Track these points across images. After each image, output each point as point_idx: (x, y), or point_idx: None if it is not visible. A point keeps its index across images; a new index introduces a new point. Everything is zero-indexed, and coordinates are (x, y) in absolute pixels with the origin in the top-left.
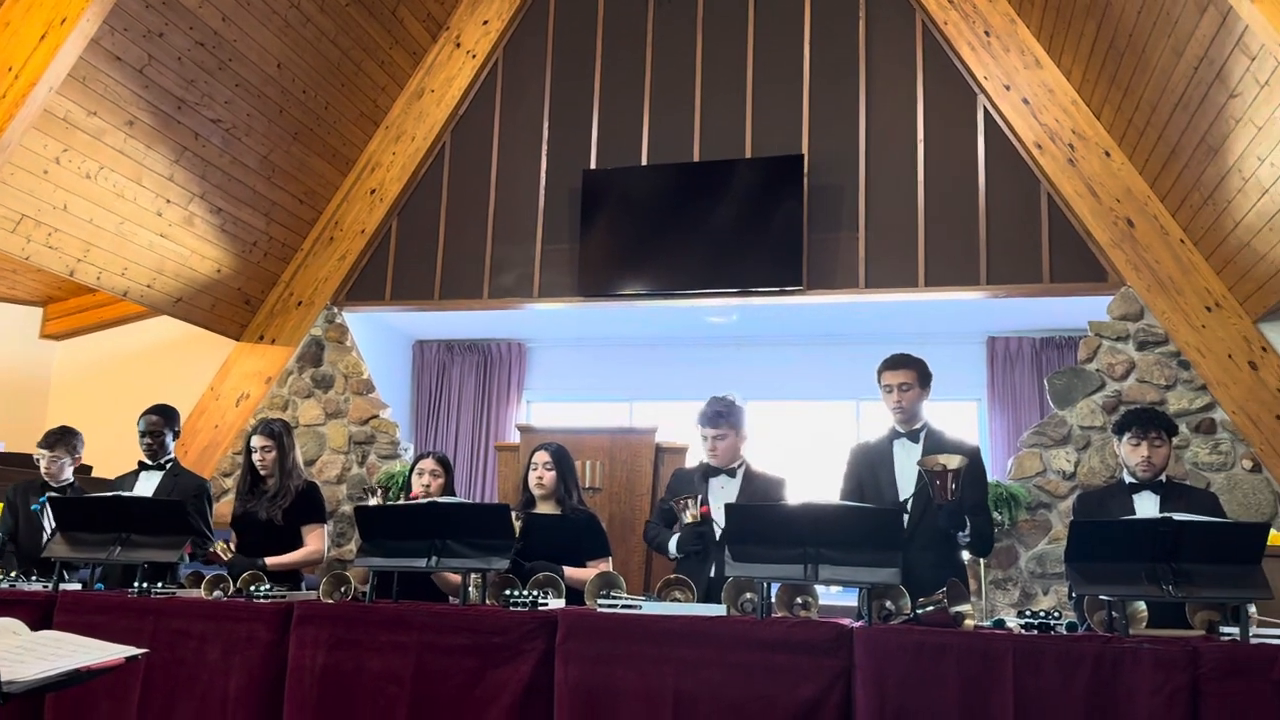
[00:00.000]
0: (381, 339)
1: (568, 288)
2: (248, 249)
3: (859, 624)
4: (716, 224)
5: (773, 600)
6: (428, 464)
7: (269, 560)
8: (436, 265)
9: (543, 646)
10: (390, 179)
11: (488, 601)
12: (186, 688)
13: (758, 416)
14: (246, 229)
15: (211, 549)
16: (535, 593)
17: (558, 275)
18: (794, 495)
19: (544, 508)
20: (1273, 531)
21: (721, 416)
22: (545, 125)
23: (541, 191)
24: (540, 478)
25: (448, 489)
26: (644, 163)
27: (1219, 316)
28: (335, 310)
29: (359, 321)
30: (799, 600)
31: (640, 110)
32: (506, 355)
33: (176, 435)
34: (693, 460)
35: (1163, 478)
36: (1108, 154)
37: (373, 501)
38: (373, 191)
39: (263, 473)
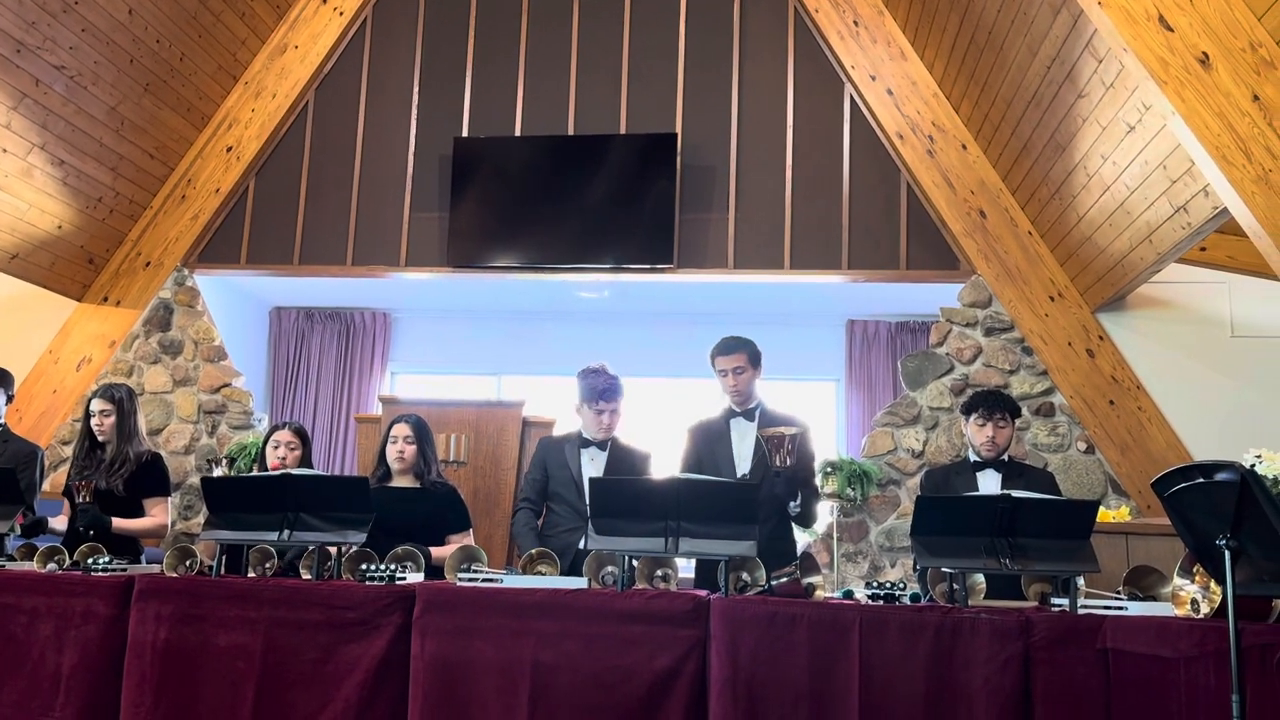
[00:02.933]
0: (236, 304)
1: (436, 257)
2: (92, 204)
3: (716, 595)
4: (590, 199)
5: (634, 573)
6: (284, 435)
7: (115, 521)
8: (296, 229)
9: (399, 620)
10: (249, 137)
11: (344, 576)
12: (14, 666)
13: (628, 392)
14: (91, 183)
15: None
16: (393, 566)
17: (425, 244)
18: (659, 469)
19: (402, 481)
20: (1102, 509)
21: (618, 391)
22: (415, 89)
23: (410, 157)
24: (401, 451)
25: (305, 461)
26: (518, 133)
27: (1061, 306)
28: (186, 272)
29: (212, 285)
30: (659, 573)
31: (515, 79)
32: (370, 325)
33: (10, 399)
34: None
35: (1005, 457)
36: (964, 147)
37: (218, 473)
38: (229, 149)
39: (101, 439)
